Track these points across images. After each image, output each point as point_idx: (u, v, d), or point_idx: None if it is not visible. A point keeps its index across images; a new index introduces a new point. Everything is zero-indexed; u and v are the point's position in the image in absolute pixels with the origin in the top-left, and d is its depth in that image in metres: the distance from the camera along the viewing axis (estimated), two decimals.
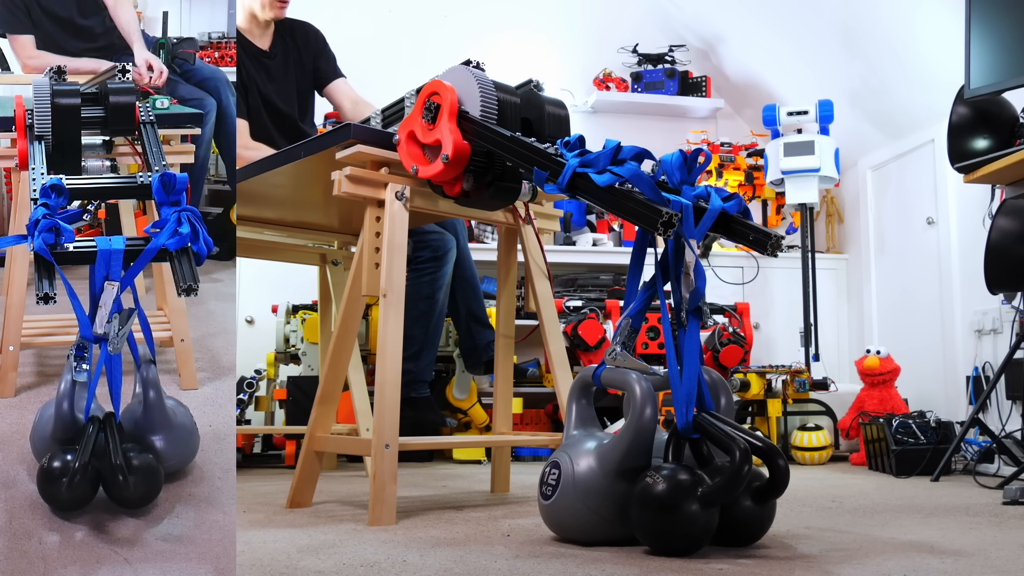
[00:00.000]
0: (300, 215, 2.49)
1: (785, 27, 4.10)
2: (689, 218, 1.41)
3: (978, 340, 3.34)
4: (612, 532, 1.42)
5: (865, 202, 4.22)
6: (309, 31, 2.97)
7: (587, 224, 4.23)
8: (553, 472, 1.47)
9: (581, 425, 1.57)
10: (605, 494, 1.39)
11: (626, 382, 1.44)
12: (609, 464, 1.40)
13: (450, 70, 1.76)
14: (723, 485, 1.30)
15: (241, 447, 3.08)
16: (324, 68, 2.96)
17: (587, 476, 1.41)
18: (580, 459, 1.44)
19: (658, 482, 1.32)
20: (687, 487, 1.30)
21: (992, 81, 2.58)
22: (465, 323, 2.98)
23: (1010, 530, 1.67)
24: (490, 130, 1.63)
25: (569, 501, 1.43)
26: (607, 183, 1.38)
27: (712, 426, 1.37)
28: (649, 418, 1.39)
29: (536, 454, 3.40)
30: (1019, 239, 2.44)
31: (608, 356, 1.52)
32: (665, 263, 1.47)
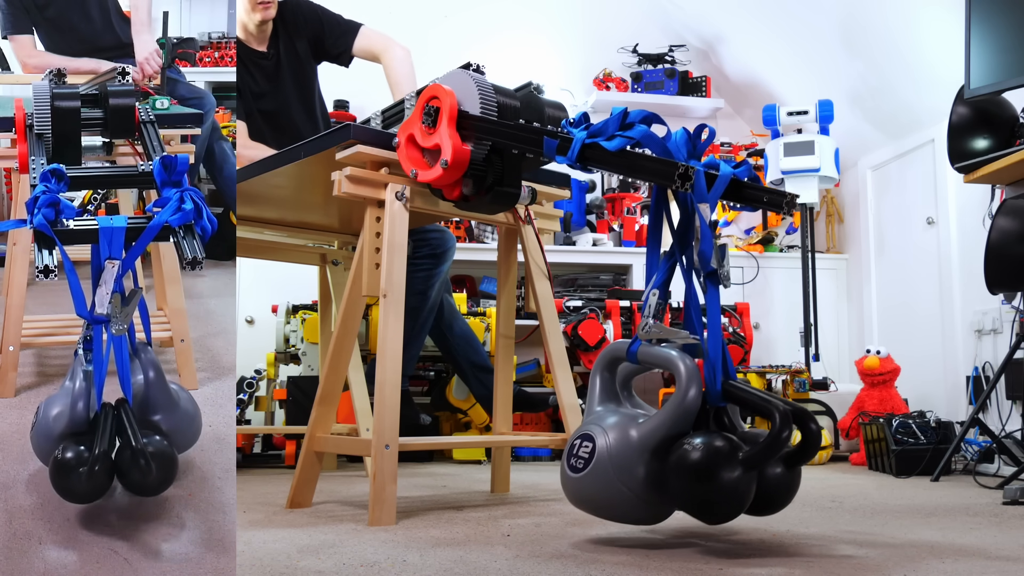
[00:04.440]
0: (300, 215, 2.49)
1: (785, 27, 4.10)
2: (701, 183, 1.40)
3: (978, 340, 3.34)
4: (643, 511, 1.39)
5: (865, 202, 4.22)
6: (300, 13, 2.83)
7: (587, 224, 4.23)
8: (585, 445, 1.42)
9: (605, 400, 1.52)
10: (642, 471, 1.35)
11: (669, 360, 1.40)
12: (648, 441, 1.36)
13: (449, 74, 1.76)
14: (765, 448, 1.28)
15: (241, 447, 3.08)
16: (333, 41, 2.80)
17: (625, 451, 1.37)
18: (617, 433, 1.39)
19: (698, 449, 1.29)
20: (728, 452, 1.28)
21: (992, 81, 2.58)
22: (472, 376, 2.97)
23: (1010, 530, 1.67)
24: (491, 122, 1.63)
25: (603, 475, 1.38)
26: (618, 147, 1.38)
27: (745, 392, 1.36)
28: (693, 398, 1.36)
29: (536, 454, 3.40)
30: (1019, 239, 2.44)
31: (641, 330, 1.47)
32: (682, 231, 1.45)
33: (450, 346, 2.95)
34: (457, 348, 2.95)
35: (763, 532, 1.62)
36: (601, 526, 1.68)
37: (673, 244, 1.48)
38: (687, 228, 1.45)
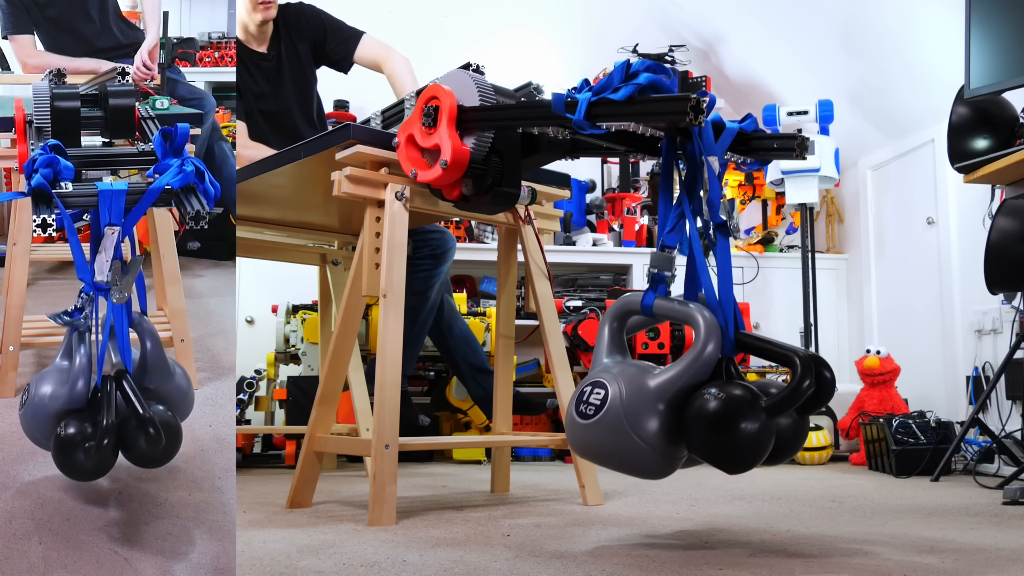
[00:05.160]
0: (300, 215, 2.49)
1: (785, 27, 4.10)
2: (709, 134, 1.40)
3: (978, 340, 3.34)
4: (653, 463, 1.36)
5: (865, 202, 4.22)
6: (302, 16, 2.83)
7: (587, 224, 4.23)
8: (597, 392, 1.39)
9: (613, 353, 1.49)
10: (657, 421, 1.33)
11: (688, 314, 1.39)
12: (665, 391, 1.34)
13: (449, 74, 1.76)
14: (789, 396, 1.28)
15: (241, 447, 3.08)
16: (334, 47, 2.82)
17: (639, 400, 1.34)
18: (631, 382, 1.36)
19: (720, 398, 1.28)
20: (750, 401, 1.28)
21: (992, 81, 2.58)
22: (470, 377, 2.97)
23: (1010, 530, 1.67)
24: (491, 108, 1.63)
25: (614, 424, 1.35)
26: (627, 94, 1.37)
27: (760, 341, 1.36)
28: (712, 352, 1.35)
29: (536, 454, 3.40)
30: (1019, 239, 2.44)
31: (649, 271, 1.44)
32: (690, 183, 1.44)
33: (449, 347, 2.95)
34: (456, 349, 2.95)
35: (763, 532, 1.62)
36: (601, 526, 1.68)
37: (681, 194, 1.45)
38: (694, 180, 1.44)
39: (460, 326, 2.97)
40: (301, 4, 2.87)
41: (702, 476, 2.77)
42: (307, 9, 2.86)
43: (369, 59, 2.81)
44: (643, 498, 2.14)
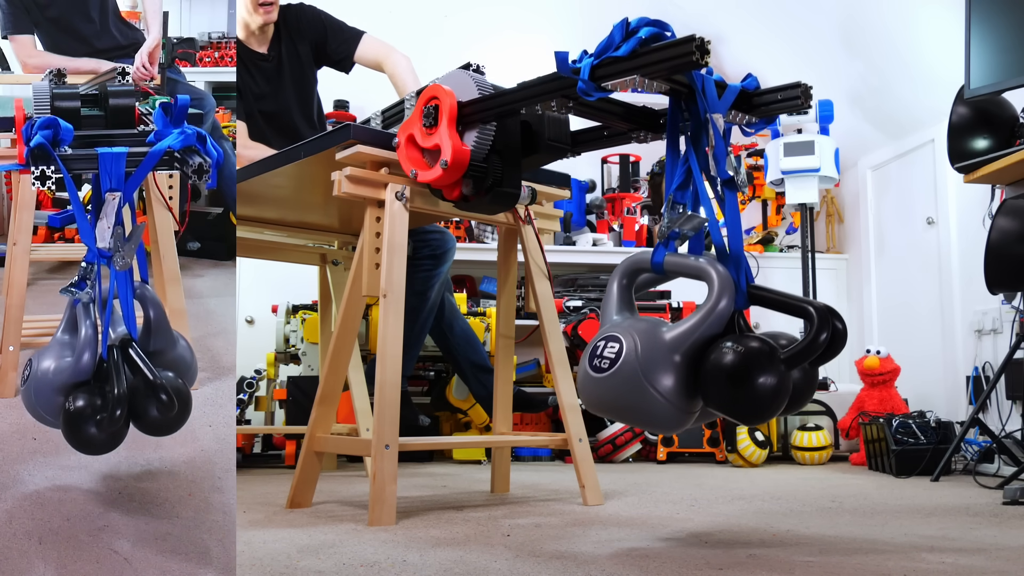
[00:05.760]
0: (300, 215, 2.49)
1: (785, 27, 4.09)
2: (712, 91, 1.40)
3: (978, 340, 3.34)
4: (668, 416, 1.35)
5: (865, 202, 4.22)
6: (303, 17, 2.84)
7: (587, 224, 4.23)
8: (611, 345, 1.38)
9: (622, 311, 1.48)
10: (673, 373, 1.32)
11: (701, 268, 1.38)
12: (680, 343, 1.33)
13: (449, 74, 1.76)
14: (806, 347, 1.28)
15: (241, 447, 3.08)
16: (335, 47, 2.82)
17: (655, 353, 1.33)
18: (645, 336, 1.35)
19: (738, 351, 1.27)
20: (768, 353, 1.27)
21: (992, 81, 2.58)
22: (472, 376, 2.97)
23: (1010, 530, 1.67)
24: (491, 96, 1.62)
25: (630, 377, 1.33)
26: (630, 49, 1.37)
27: (772, 293, 1.36)
28: (726, 306, 1.35)
29: (536, 454, 3.40)
30: (1019, 239, 2.44)
31: (661, 229, 1.43)
32: (696, 138, 1.44)
33: (450, 345, 2.95)
34: (457, 348, 2.95)
35: (763, 532, 1.62)
36: (601, 526, 1.68)
37: (688, 150, 1.45)
38: (699, 135, 1.44)
39: (461, 325, 2.97)
40: (301, 5, 2.87)
41: (702, 476, 2.77)
42: (307, 10, 2.86)
43: (370, 58, 2.81)
44: (643, 498, 2.14)
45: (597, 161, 4.55)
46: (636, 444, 3.36)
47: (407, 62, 2.73)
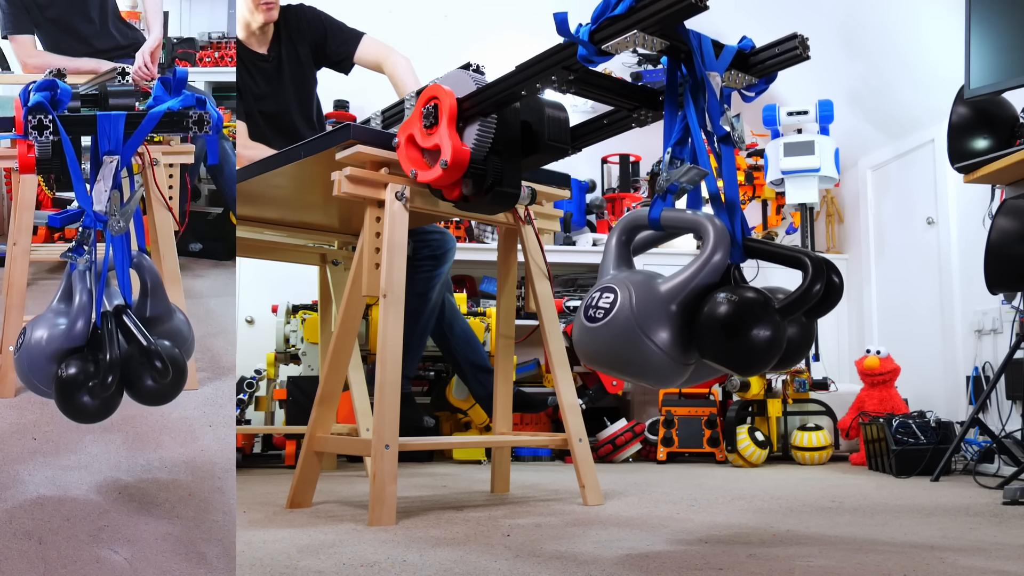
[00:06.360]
0: (300, 215, 2.49)
1: (785, 27, 4.07)
2: (709, 50, 1.42)
3: (978, 340, 3.34)
4: (662, 367, 1.34)
5: (865, 202, 4.22)
6: (303, 18, 2.84)
7: (587, 224, 4.23)
8: (606, 296, 1.38)
9: (620, 266, 1.47)
10: (668, 323, 1.32)
11: (696, 221, 1.38)
12: (675, 294, 1.33)
13: (449, 74, 1.76)
14: (800, 297, 1.28)
15: (241, 447, 3.08)
16: (335, 48, 2.83)
17: (649, 303, 1.33)
18: (640, 287, 1.35)
19: (733, 301, 1.28)
20: (763, 303, 1.27)
21: (992, 81, 2.58)
22: (472, 376, 2.97)
23: (1010, 530, 1.67)
24: (489, 85, 1.62)
25: (624, 326, 1.33)
26: (627, 6, 1.36)
27: (768, 245, 1.36)
28: (720, 259, 1.35)
29: (536, 454, 3.40)
30: (1019, 239, 2.44)
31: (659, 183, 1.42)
32: (693, 93, 1.44)
33: (450, 345, 2.95)
34: (457, 348, 2.95)
35: (763, 532, 1.62)
36: (601, 526, 1.68)
37: (687, 105, 1.45)
38: (697, 92, 1.44)
39: (461, 325, 2.97)
40: (301, 6, 2.87)
41: (702, 476, 2.78)
42: (307, 11, 2.87)
43: (370, 60, 2.81)
44: (643, 498, 2.14)
45: (597, 161, 4.55)
46: (636, 444, 3.36)
47: (407, 63, 2.74)
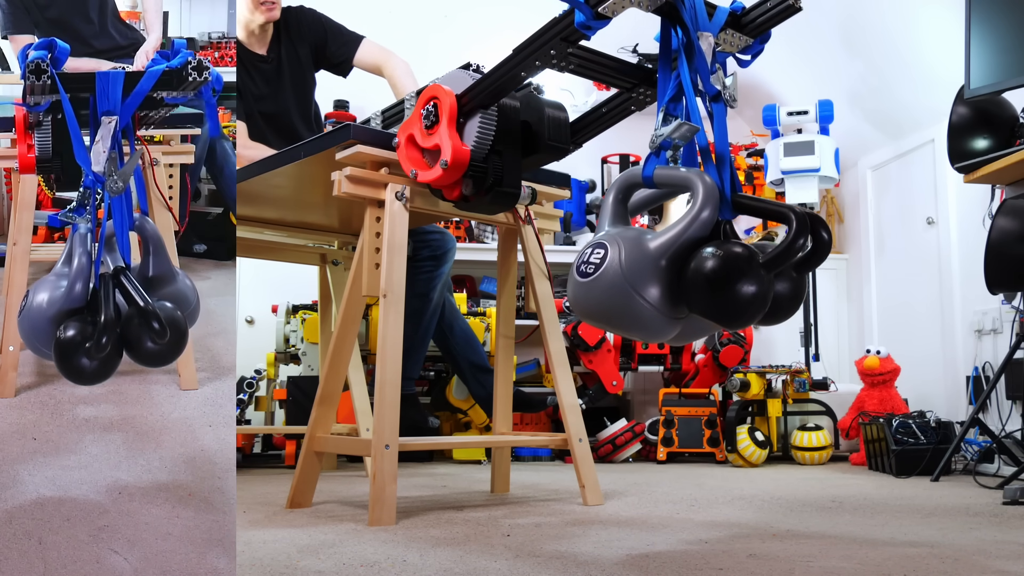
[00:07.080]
0: (300, 215, 2.49)
1: (785, 27, 4.06)
2: (702, 10, 1.44)
3: (978, 340, 3.34)
4: (651, 321, 1.36)
5: (865, 202, 4.22)
6: (303, 19, 2.85)
7: (587, 224, 4.23)
8: (597, 251, 1.40)
9: (616, 224, 1.49)
10: (656, 278, 1.34)
11: (687, 178, 1.40)
12: (664, 249, 1.35)
13: (449, 74, 1.76)
14: (785, 251, 1.29)
15: (241, 447, 3.08)
16: (335, 50, 2.84)
17: (639, 258, 1.35)
18: (631, 243, 1.38)
19: (719, 255, 1.29)
20: (748, 257, 1.29)
21: (992, 81, 2.58)
22: (471, 376, 2.98)
23: (1010, 530, 1.67)
24: (486, 76, 1.62)
25: (613, 281, 1.36)
26: None
27: (755, 200, 1.38)
28: (709, 215, 1.36)
29: (536, 454, 3.40)
30: (1019, 239, 2.44)
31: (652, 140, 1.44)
32: (689, 47, 1.46)
33: (450, 345, 2.95)
34: (457, 348, 2.95)
35: (763, 532, 1.62)
36: (601, 526, 1.68)
37: (680, 63, 1.47)
38: (691, 50, 1.46)
39: (461, 325, 2.97)
40: (302, 8, 2.88)
41: (702, 476, 2.78)
42: (308, 12, 2.87)
43: (369, 63, 2.82)
44: (643, 498, 2.14)
45: (597, 161, 4.55)
46: (636, 444, 3.36)
47: (406, 66, 2.74)
